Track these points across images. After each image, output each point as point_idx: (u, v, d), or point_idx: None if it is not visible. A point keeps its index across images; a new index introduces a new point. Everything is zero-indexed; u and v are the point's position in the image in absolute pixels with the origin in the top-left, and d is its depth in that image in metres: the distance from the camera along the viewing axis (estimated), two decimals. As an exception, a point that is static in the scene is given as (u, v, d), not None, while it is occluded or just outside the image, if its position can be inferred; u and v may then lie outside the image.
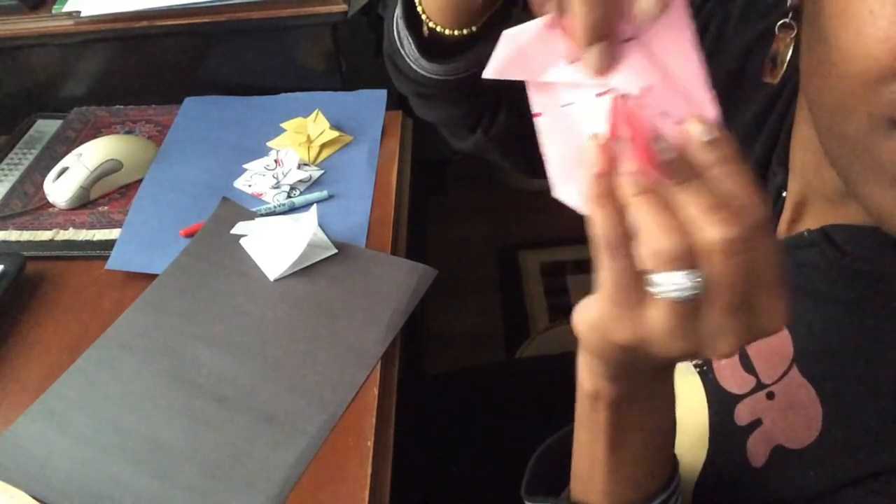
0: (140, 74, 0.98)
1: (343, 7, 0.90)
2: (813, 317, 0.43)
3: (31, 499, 0.56)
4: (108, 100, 0.99)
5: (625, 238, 0.31)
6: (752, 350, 0.46)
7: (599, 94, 0.33)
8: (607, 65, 0.32)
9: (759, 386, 0.45)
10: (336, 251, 0.74)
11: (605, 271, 0.32)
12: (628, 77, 0.33)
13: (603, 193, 0.31)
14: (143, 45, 0.95)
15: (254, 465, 0.58)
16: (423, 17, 0.51)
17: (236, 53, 0.95)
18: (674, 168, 0.31)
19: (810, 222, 0.45)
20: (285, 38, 0.93)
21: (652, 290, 0.31)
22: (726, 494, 0.45)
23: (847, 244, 0.42)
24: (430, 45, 0.53)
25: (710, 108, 0.32)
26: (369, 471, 0.58)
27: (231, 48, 0.95)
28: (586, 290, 0.34)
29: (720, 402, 0.47)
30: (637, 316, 0.32)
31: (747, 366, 0.46)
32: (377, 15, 1.06)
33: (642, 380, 0.38)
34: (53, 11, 0.94)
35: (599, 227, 0.31)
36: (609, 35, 0.31)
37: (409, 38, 0.53)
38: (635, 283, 0.31)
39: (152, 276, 0.74)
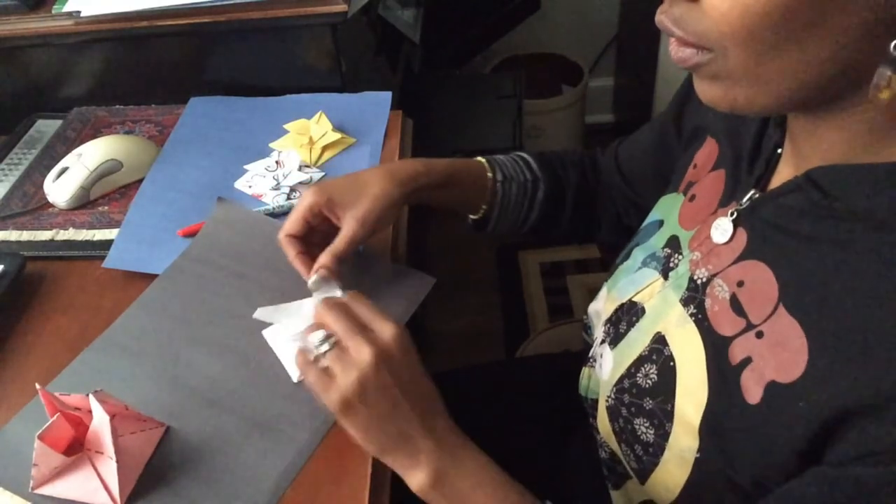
0: (140, 74, 0.98)
1: (343, 7, 0.89)
2: (798, 257, 0.45)
3: (26, 502, 0.56)
4: (108, 100, 0.99)
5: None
6: (742, 294, 0.48)
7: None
8: None
9: (749, 326, 0.47)
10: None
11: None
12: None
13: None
14: (143, 45, 0.95)
15: (243, 471, 0.58)
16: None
17: (236, 53, 0.95)
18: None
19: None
20: (285, 38, 0.93)
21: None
22: (729, 437, 0.47)
23: (829, 185, 0.44)
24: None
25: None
26: (369, 471, 0.58)
27: (231, 48, 0.95)
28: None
29: (714, 345, 0.49)
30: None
31: (737, 309, 0.48)
32: (377, 15, 1.06)
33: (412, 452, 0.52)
34: (53, 11, 0.94)
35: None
36: None
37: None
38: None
39: (153, 277, 0.74)
